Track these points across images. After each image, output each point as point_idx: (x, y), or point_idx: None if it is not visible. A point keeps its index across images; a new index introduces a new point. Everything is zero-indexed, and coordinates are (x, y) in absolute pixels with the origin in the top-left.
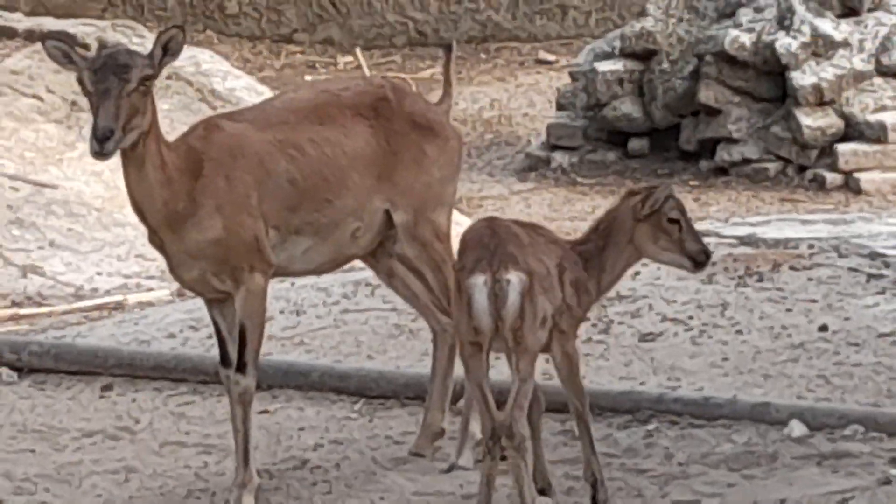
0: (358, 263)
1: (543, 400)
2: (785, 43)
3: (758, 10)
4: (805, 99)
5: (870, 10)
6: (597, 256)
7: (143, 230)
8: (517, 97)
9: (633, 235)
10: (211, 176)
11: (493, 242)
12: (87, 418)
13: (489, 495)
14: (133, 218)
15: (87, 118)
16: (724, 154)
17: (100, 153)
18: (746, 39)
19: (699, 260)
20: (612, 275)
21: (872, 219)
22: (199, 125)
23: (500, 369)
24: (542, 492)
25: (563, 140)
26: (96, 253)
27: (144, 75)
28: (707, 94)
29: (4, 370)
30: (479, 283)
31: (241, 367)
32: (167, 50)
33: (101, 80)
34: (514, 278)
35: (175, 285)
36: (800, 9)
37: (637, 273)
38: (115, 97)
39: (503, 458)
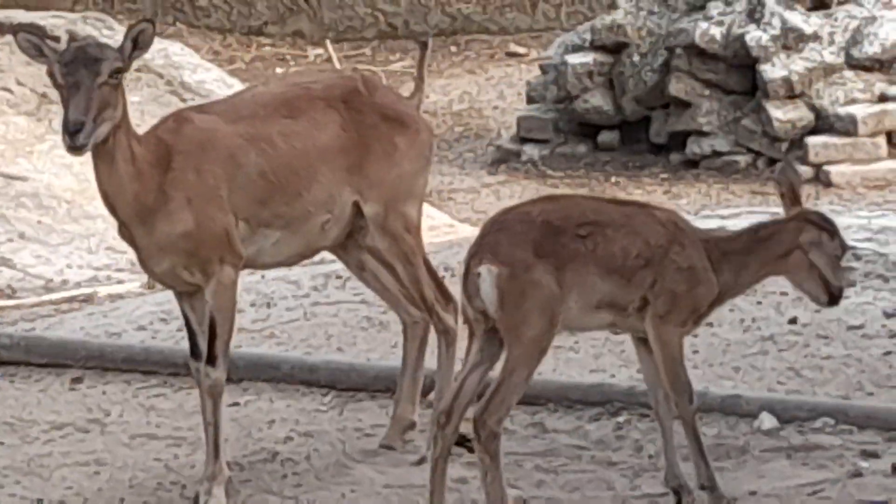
0: (328, 256)
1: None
2: (755, 36)
3: (728, 2)
4: (775, 92)
5: (840, 3)
6: (742, 256)
7: (113, 223)
8: (487, 90)
9: (788, 256)
10: (181, 169)
11: (486, 232)
12: (57, 411)
13: (435, 484)
14: (103, 210)
15: (57, 110)
16: (694, 147)
17: (73, 147)
18: (717, 32)
19: (835, 297)
20: (751, 279)
21: (843, 212)
22: (168, 118)
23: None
24: (676, 491)
25: (534, 133)
26: (66, 245)
27: (115, 68)
28: (677, 87)
29: None
30: (462, 274)
31: (211, 360)
32: (137, 43)
33: (72, 72)
34: (484, 271)
35: (145, 278)
36: (770, 1)
37: None
38: (85, 90)
39: (472, 451)
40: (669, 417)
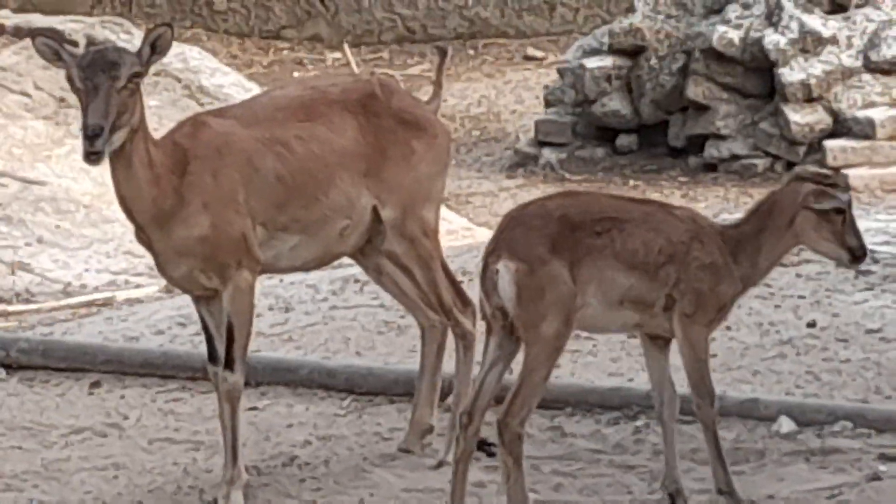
0: (346, 260)
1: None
2: (773, 39)
3: (746, 6)
4: (793, 95)
5: (858, 7)
6: (753, 239)
7: (131, 227)
8: (505, 94)
9: (794, 221)
10: (198, 173)
11: (503, 228)
12: (75, 415)
13: (457, 485)
14: (121, 215)
15: (75, 115)
16: (712, 150)
17: (91, 152)
18: (734, 36)
19: (857, 254)
20: (770, 259)
21: (861, 215)
22: (186, 122)
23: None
24: (672, 496)
25: (552, 136)
26: (85, 250)
27: (133, 73)
28: (695, 91)
29: None
30: (480, 270)
31: (228, 364)
32: (155, 48)
33: (91, 77)
34: (502, 267)
35: (163, 282)
36: (788, 5)
37: None
38: (104, 95)
39: (491, 455)
40: (673, 420)
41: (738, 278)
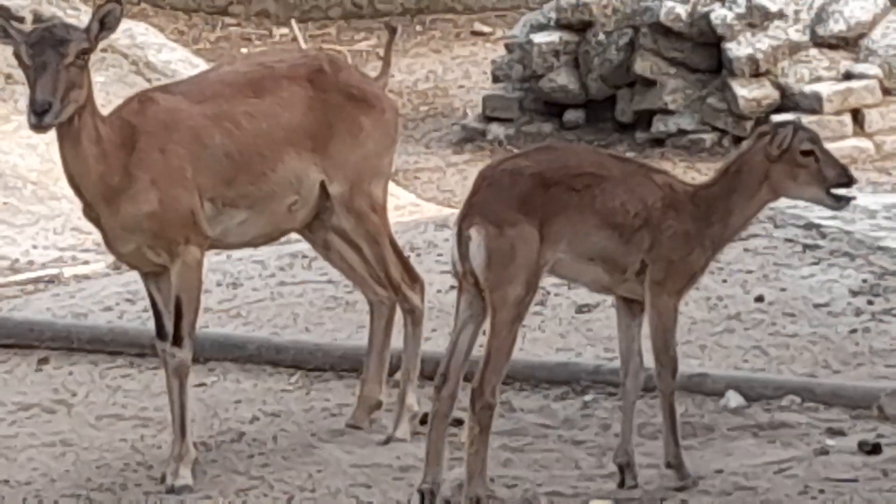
0: (294, 236)
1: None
2: (720, 14)
3: None
4: (740, 70)
5: None
6: (724, 200)
7: (78, 203)
8: (453, 69)
9: (768, 176)
10: (145, 149)
11: (476, 190)
12: (23, 391)
13: (432, 446)
14: (69, 191)
15: (21, 91)
16: (659, 125)
17: (38, 126)
18: (682, 10)
19: (841, 182)
20: (742, 217)
21: None
22: (133, 98)
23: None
24: (621, 469)
25: (499, 112)
26: (32, 226)
27: (81, 49)
28: (643, 66)
29: None
30: (455, 235)
31: (176, 340)
32: (104, 24)
33: (39, 53)
34: (473, 233)
35: (111, 258)
36: None
37: None
38: (52, 71)
39: (457, 424)
40: (635, 392)
41: (708, 246)
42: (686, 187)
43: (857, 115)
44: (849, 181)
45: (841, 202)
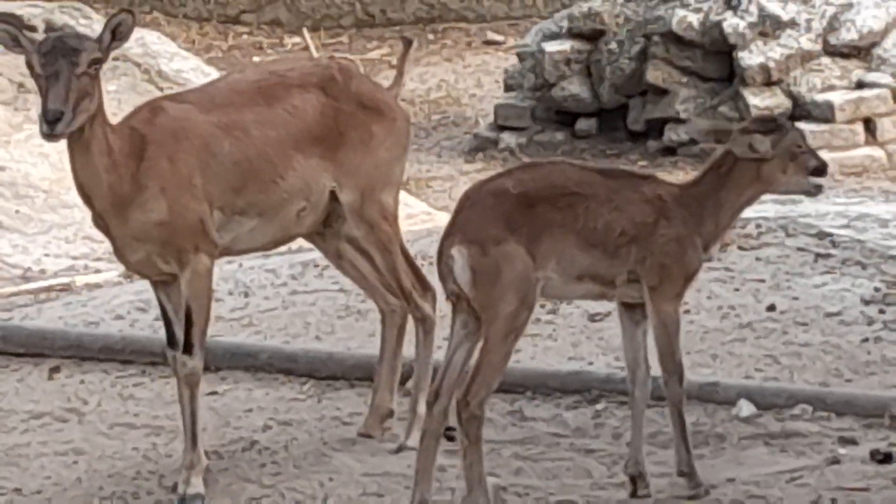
0: (306, 244)
1: None
2: (732, 23)
3: None
4: (752, 79)
5: None
6: (712, 197)
7: (89, 212)
8: (465, 78)
9: (759, 172)
10: (155, 158)
11: (459, 209)
12: (35, 400)
13: (422, 464)
14: (80, 200)
15: (34, 100)
16: (671, 134)
17: (50, 135)
18: (694, 19)
19: (820, 170)
20: (732, 210)
21: (820, 198)
22: (143, 107)
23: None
24: (633, 479)
25: (511, 121)
26: (44, 235)
27: (93, 59)
28: (654, 75)
29: None
30: (437, 255)
31: (187, 349)
32: (116, 34)
33: (51, 63)
34: (456, 253)
35: (123, 267)
36: None
37: None
38: (64, 80)
39: (451, 439)
40: (644, 401)
41: (700, 245)
42: (673, 190)
43: (868, 124)
44: (824, 168)
45: (819, 189)
